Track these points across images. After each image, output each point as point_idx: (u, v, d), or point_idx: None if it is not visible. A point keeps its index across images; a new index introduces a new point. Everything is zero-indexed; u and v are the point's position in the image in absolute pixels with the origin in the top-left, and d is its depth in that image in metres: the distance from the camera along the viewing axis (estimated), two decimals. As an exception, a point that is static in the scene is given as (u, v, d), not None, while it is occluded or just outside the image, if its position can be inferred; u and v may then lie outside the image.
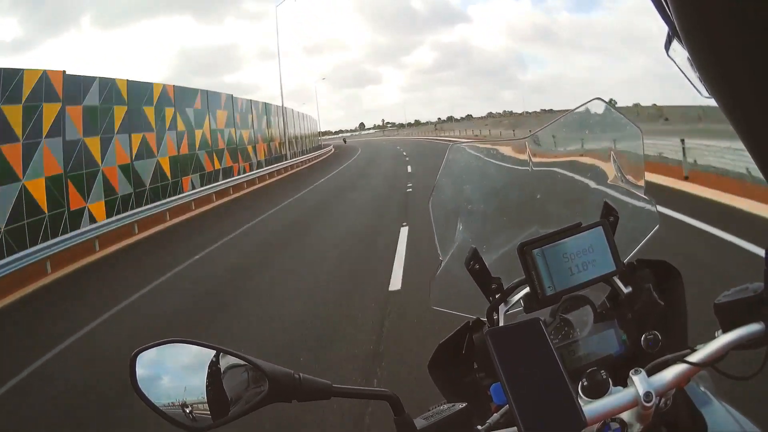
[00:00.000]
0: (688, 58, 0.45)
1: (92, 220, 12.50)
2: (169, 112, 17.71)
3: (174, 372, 0.82)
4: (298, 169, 30.42)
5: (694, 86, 0.50)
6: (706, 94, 0.42)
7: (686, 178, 9.94)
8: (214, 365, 0.80)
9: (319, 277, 6.84)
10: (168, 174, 16.86)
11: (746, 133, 0.40)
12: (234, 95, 24.51)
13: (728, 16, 0.32)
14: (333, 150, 50.74)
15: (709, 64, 0.37)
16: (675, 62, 0.55)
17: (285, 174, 26.99)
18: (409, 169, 20.82)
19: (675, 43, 0.53)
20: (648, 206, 1.06)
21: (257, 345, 4.74)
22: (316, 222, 11.24)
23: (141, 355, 0.79)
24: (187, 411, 0.78)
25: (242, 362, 0.80)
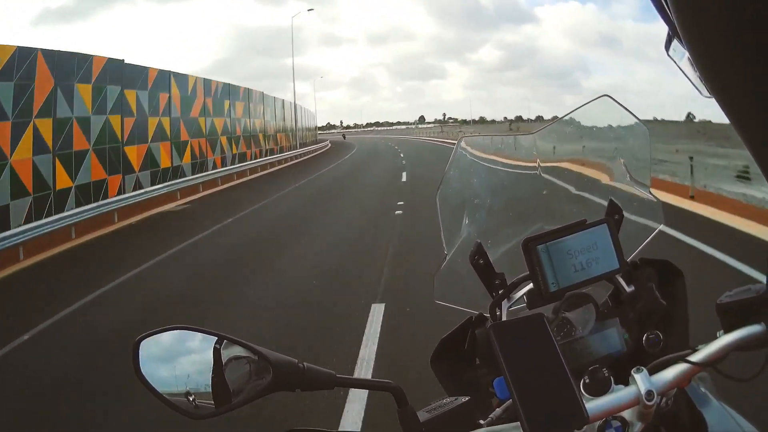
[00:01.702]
0: (688, 57, 0.45)
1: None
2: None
3: (178, 359, 0.81)
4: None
5: (695, 86, 0.51)
6: (706, 93, 0.42)
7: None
8: (218, 353, 0.80)
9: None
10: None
11: (746, 132, 0.39)
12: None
13: (728, 15, 0.32)
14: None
15: (709, 64, 0.37)
16: (675, 62, 0.55)
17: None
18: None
19: (675, 43, 0.53)
20: (653, 205, 1.06)
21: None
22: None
23: (145, 341, 0.80)
24: (191, 398, 0.78)
25: (246, 351, 0.80)
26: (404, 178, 17.42)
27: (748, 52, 0.33)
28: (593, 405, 0.76)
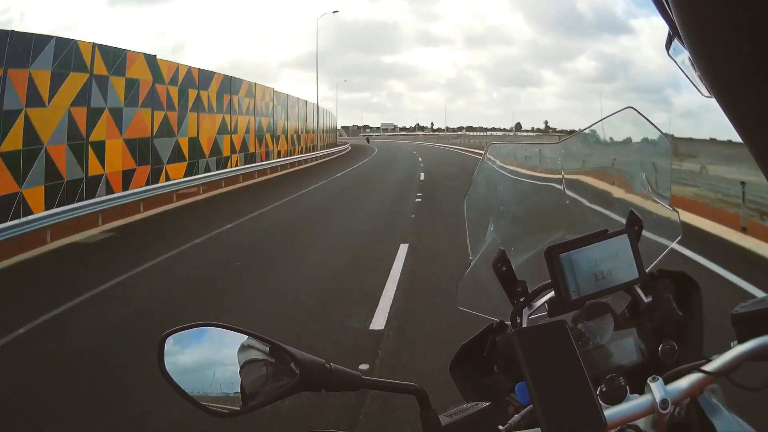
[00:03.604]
0: (688, 57, 0.45)
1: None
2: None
3: (203, 356, 0.81)
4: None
5: (695, 85, 0.50)
6: (706, 93, 0.42)
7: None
8: (244, 350, 0.79)
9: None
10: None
11: (746, 132, 0.39)
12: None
13: (728, 15, 0.32)
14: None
15: (709, 64, 0.37)
16: (675, 62, 0.55)
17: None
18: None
19: (676, 43, 0.53)
20: (672, 217, 1.08)
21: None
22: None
23: (170, 337, 0.79)
24: (215, 396, 0.78)
25: (273, 349, 0.80)
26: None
27: (749, 51, 0.32)
28: (610, 413, 0.77)
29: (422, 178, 19.29)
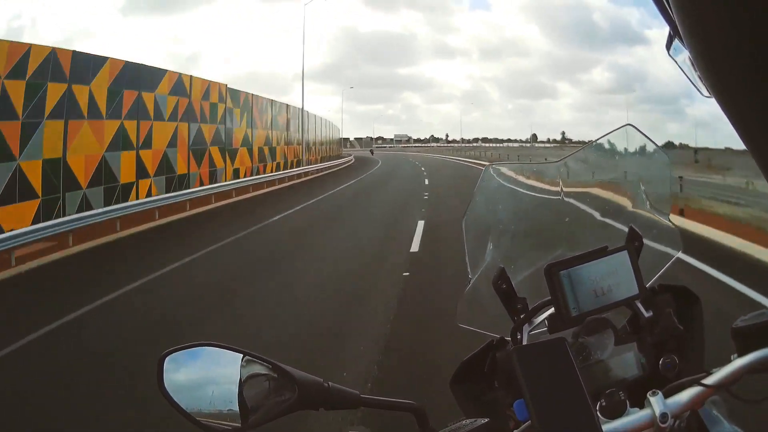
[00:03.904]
0: (689, 57, 0.45)
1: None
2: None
3: (202, 375, 0.82)
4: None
5: (695, 86, 0.50)
6: (706, 93, 0.42)
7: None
8: (242, 370, 0.81)
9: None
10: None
11: (746, 132, 0.39)
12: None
13: (729, 15, 0.31)
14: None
15: (709, 64, 0.37)
16: (676, 62, 0.55)
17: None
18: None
19: (676, 43, 0.53)
20: (671, 233, 1.09)
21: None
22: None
23: (169, 357, 0.80)
24: (214, 415, 0.79)
25: (271, 369, 0.81)
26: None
27: (749, 51, 0.32)
28: (609, 427, 0.78)
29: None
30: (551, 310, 0.95)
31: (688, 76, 0.52)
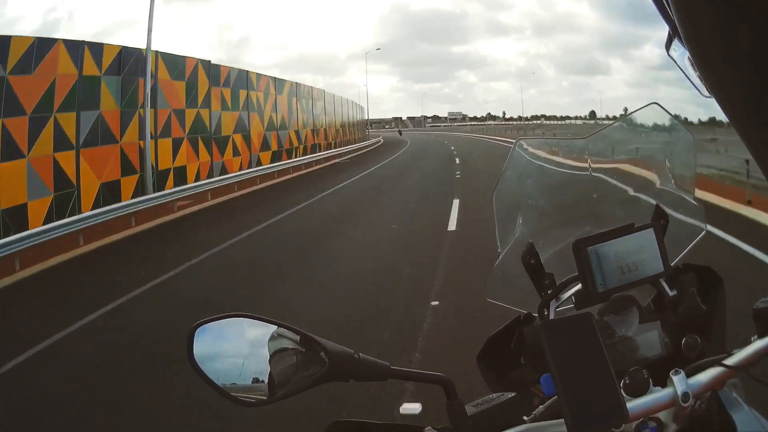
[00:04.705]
0: (688, 57, 0.46)
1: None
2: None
3: (232, 347, 0.82)
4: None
5: (695, 85, 0.51)
6: (706, 93, 0.42)
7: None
8: (273, 341, 0.80)
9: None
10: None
11: (746, 132, 0.39)
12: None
13: (728, 15, 0.32)
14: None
15: (709, 64, 0.37)
16: (675, 62, 0.56)
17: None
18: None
19: (676, 43, 0.54)
20: (696, 212, 1.08)
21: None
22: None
23: (200, 328, 0.80)
24: (244, 387, 0.79)
25: (302, 340, 0.81)
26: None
27: (748, 52, 0.32)
28: (632, 405, 0.78)
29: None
30: (578, 287, 0.96)
31: (688, 76, 0.52)
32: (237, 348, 0.83)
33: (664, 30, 0.52)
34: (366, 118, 50.47)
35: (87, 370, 4.50)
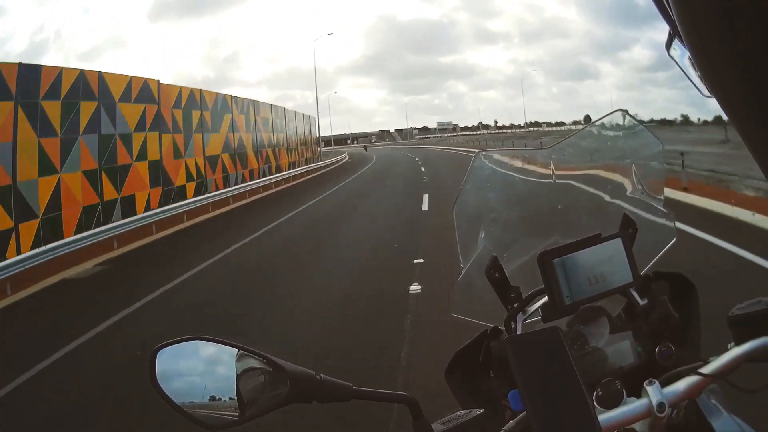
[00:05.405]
0: (689, 57, 0.46)
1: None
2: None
3: (194, 370, 0.82)
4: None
5: (695, 85, 0.50)
6: (706, 93, 0.42)
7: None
8: (234, 364, 0.80)
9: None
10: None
11: (746, 132, 0.39)
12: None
13: (728, 15, 0.31)
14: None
15: (709, 63, 0.37)
16: (676, 61, 0.55)
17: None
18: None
19: (676, 43, 0.53)
20: (666, 219, 1.07)
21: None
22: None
23: (161, 351, 0.80)
24: (207, 409, 0.78)
25: (263, 362, 0.81)
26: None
27: (749, 51, 0.32)
28: (605, 417, 0.77)
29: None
30: (545, 299, 0.94)
31: (688, 76, 0.52)
32: (198, 371, 0.82)
33: (656, 31, 0.49)
34: (317, 134, 37.70)
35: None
